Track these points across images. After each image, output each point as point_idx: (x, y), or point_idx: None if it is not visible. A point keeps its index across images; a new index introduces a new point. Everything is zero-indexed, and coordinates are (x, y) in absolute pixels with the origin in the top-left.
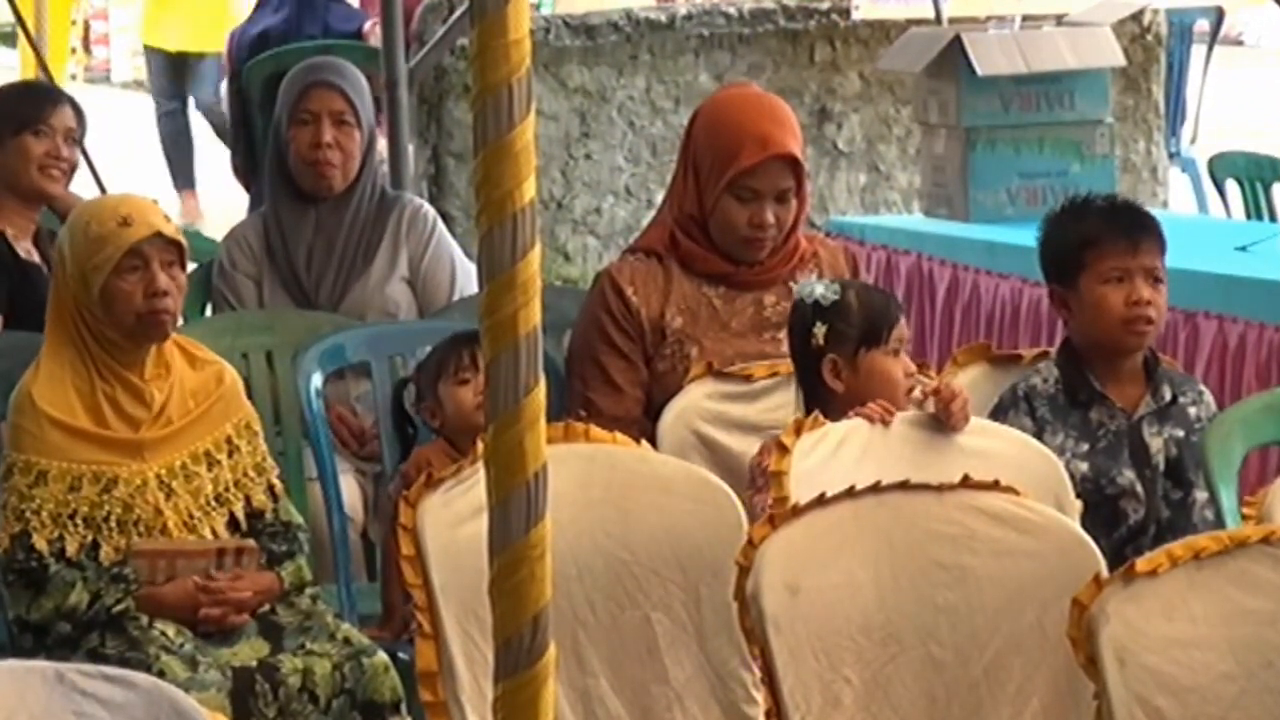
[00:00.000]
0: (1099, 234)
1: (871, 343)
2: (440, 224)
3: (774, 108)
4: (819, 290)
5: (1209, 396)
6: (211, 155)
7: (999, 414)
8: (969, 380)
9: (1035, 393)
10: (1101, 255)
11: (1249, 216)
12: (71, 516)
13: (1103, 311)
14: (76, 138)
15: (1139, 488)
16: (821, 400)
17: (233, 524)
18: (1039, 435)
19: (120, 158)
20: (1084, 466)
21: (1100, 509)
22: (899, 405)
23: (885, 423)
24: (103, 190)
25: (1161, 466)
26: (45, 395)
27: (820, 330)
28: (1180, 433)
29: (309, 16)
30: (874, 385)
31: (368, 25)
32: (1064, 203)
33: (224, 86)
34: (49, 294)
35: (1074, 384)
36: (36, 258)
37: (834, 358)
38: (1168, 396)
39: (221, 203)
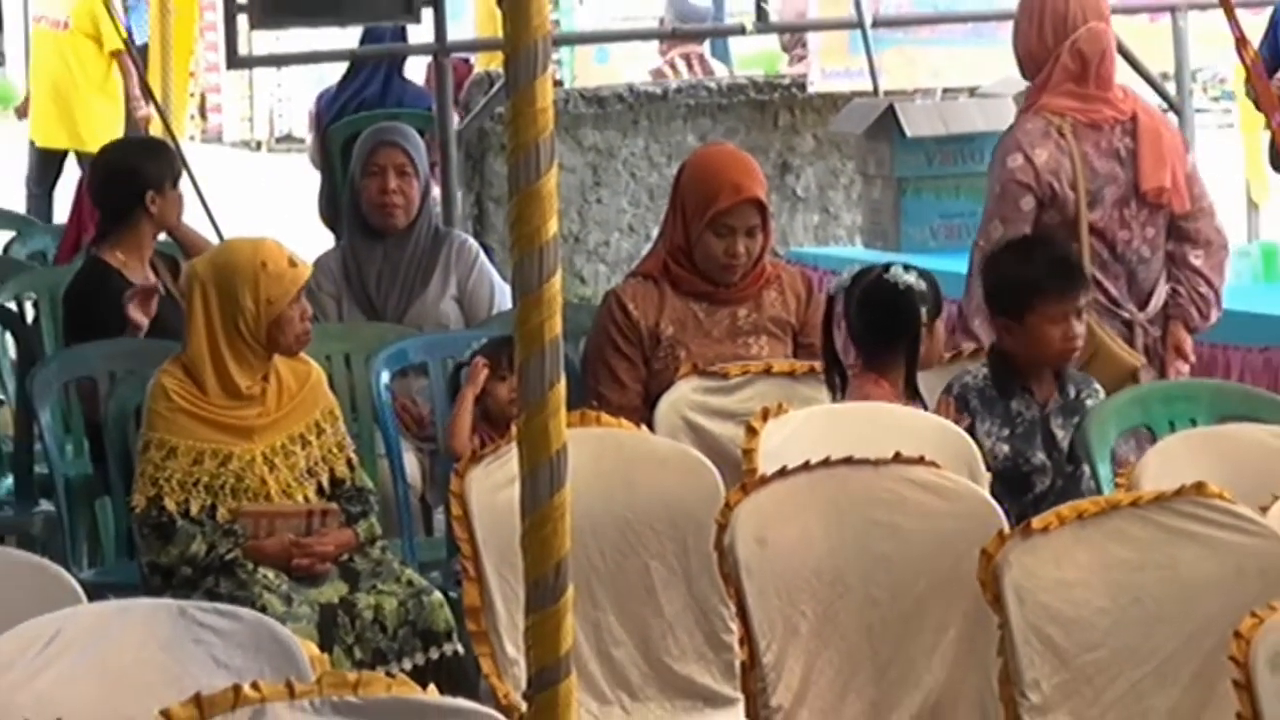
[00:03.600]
0: (1043, 284)
1: (937, 314)
2: (482, 254)
3: (744, 161)
4: (911, 280)
5: (1103, 392)
6: (289, 202)
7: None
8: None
9: (968, 389)
10: (1046, 302)
11: None
12: (195, 484)
13: (1044, 344)
14: None
15: (1048, 466)
16: (908, 363)
17: (319, 490)
18: (972, 422)
19: (231, 204)
20: (1006, 448)
21: (1016, 480)
22: (940, 354)
23: None
24: (216, 229)
25: (1065, 453)
26: (175, 388)
27: (925, 311)
28: (1074, 421)
29: (390, 95)
30: (938, 347)
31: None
32: (1009, 245)
33: None
34: (186, 313)
35: (1003, 379)
36: (153, 280)
37: (926, 327)
38: (1073, 394)
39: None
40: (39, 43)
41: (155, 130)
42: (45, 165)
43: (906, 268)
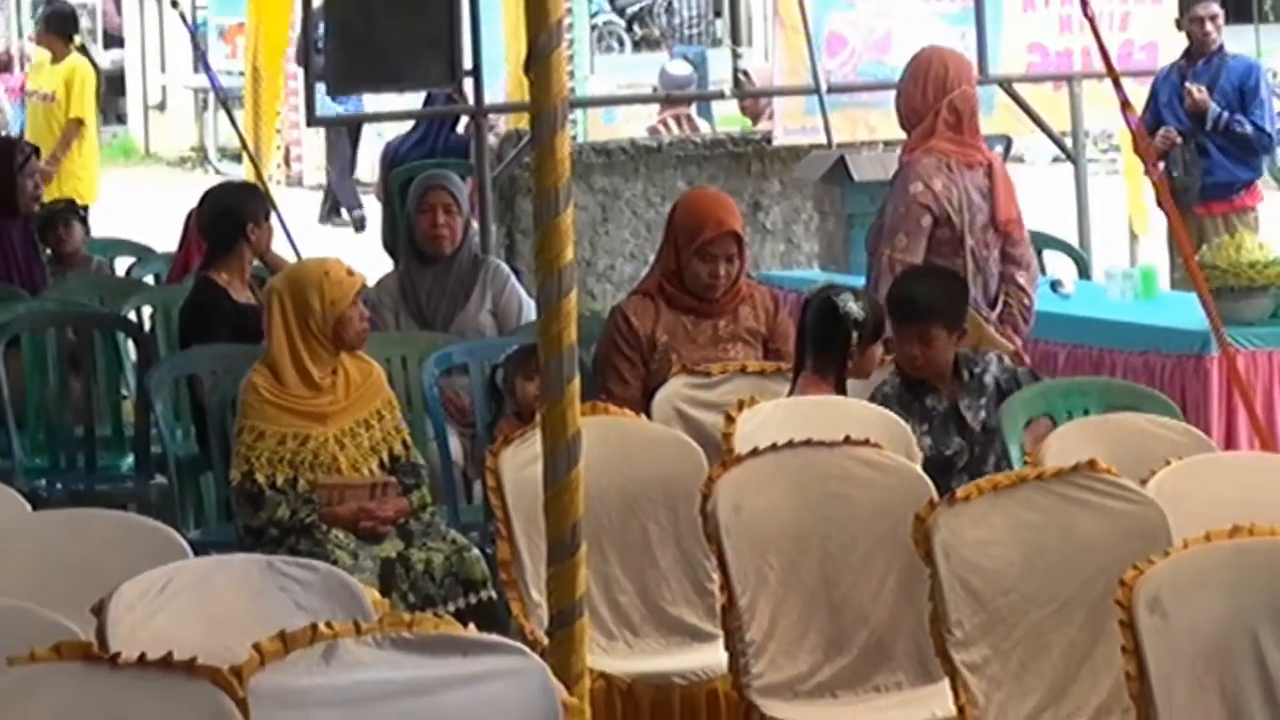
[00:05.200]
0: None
1: (872, 340)
2: (512, 276)
3: (724, 201)
4: (855, 310)
5: (993, 359)
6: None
7: None
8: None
9: (888, 398)
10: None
11: None
12: (280, 460)
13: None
14: None
15: (964, 448)
16: (836, 371)
17: (381, 465)
18: None
19: (309, 234)
20: (927, 441)
21: (939, 466)
22: (871, 369)
23: None
24: (297, 252)
25: (979, 430)
26: (262, 383)
27: (855, 335)
28: (983, 400)
29: (442, 144)
30: (869, 363)
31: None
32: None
33: None
34: (267, 320)
35: (911, 382)
36: (250, 298)
37: (854, 349)
38: (967, 375)
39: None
40: (32, 114)
41: (249, 175)
42: None
43: (856, 296)
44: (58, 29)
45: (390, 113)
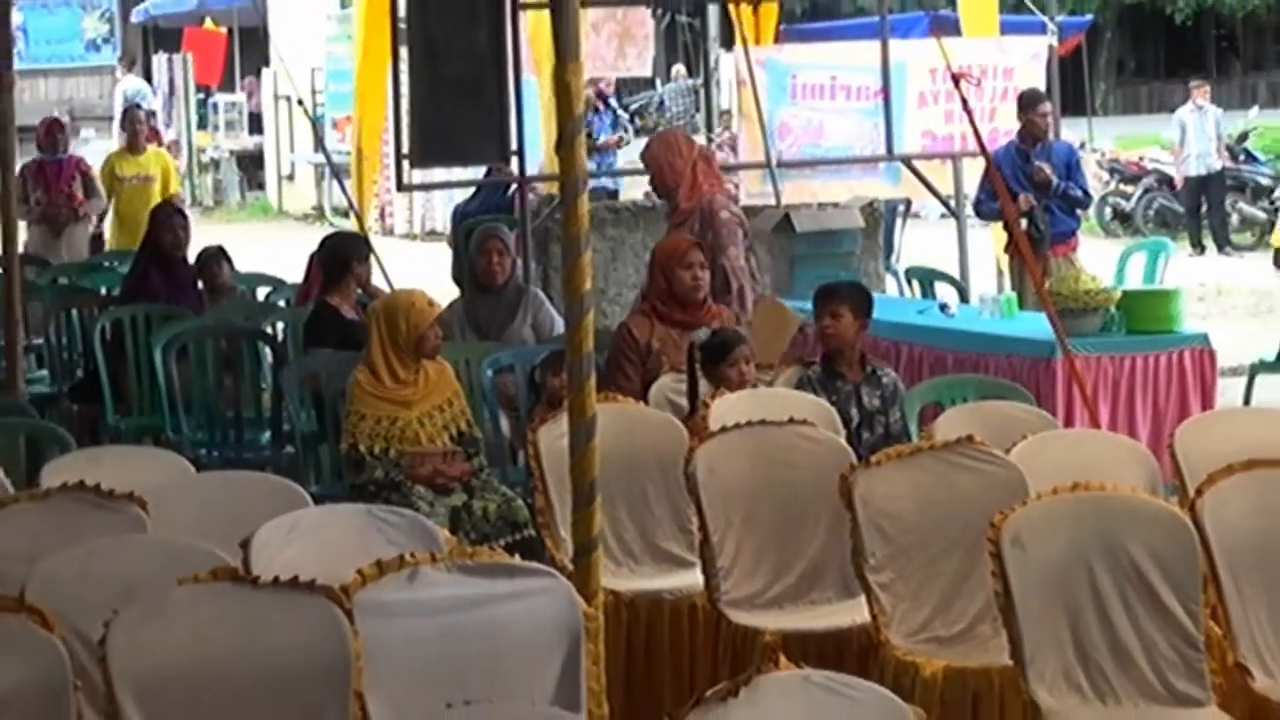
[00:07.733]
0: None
1: (715, 361)
2: (547, 301)
3: (685, 237)
4: (699, 336)
5: (892, 371)
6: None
7: (798, 389)
8: (791, 371)
9: (810, 380)
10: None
11: (923, 297)
12: (377, 436)
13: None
14: None
15: (859, 419)
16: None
17: (450, 438)
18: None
19: (399, 271)
20: (836, 411)
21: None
22: (732, 385)
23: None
24: (389, 283)
25: (873, 407)
26: (364, 379)
27: (699, 355)
28: (878, 392)
29: (495, 203)
30: (722, 379)
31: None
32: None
33: None
34: (367, 334)
35: (830, 370)
36: (355, 316)
37: (703, 367)
38: (869, 371)
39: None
40: (130, 194)
41: (355, 227)
42: None
43: (715, 333)
44: (153, 125)
45: (459, 180)
